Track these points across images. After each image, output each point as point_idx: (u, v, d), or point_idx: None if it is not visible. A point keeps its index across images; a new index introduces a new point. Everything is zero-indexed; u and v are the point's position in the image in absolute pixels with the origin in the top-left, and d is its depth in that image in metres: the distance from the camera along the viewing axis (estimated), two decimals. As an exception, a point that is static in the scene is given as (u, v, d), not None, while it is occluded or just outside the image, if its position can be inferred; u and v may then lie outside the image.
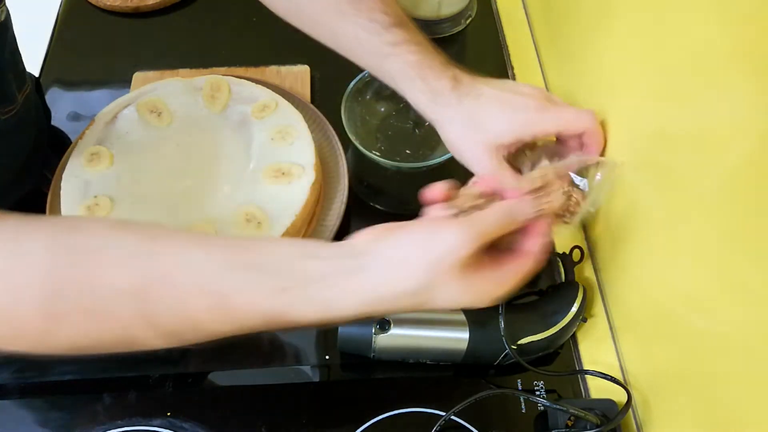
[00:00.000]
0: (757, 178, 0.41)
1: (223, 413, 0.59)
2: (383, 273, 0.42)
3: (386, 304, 0.42)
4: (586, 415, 0.54)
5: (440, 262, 0.41)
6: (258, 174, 0.65)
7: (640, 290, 0.60)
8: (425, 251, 0.41)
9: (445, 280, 0.41)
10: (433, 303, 0.42)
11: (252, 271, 0.41)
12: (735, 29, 0.42)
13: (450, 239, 0.41)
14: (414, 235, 0.43)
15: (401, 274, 0.41)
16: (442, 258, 0.41)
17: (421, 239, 0.42)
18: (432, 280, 0.41)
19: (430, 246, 0.41)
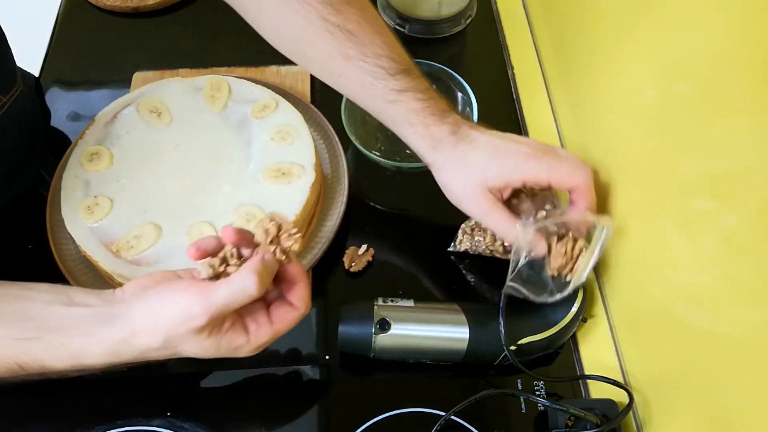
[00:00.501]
0: (757, 177, 0.41)
1: (223, 413, 0.59)
2: (133, 326, 0.46)
3: (135, 353, 0.46)
4: (586, 415, 0.54)
5: (177, 327, 0.45)
6: (258, 174, 0.65)
7: (640, 290, 0.60)
8: (167, 315, 0.45)
9: (184, 341, 0.46)
10: (183, 353, 0.47)
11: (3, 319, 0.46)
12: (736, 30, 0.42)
13: (185, 309, 0.45)
14: (166, 296, 0.46)
15: (147, 329, 0.46)
16: (178, 324, 0.45)
17: (168, 302, 0.46)
18: (172, 340, 0.46)
19: (171, 311, 0.45)
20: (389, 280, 0.67)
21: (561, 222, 0.59)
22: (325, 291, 0.67)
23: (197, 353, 0.47)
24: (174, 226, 0.62)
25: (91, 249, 0.60)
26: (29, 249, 0.68)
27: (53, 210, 0.66)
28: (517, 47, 0.88)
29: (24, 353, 0.46)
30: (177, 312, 0.45)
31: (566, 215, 0.59)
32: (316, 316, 0.65)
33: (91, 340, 0.46)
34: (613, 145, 0.64)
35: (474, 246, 0.66)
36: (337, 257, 0.68)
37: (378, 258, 0.68)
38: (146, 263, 0.60)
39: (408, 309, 0.60)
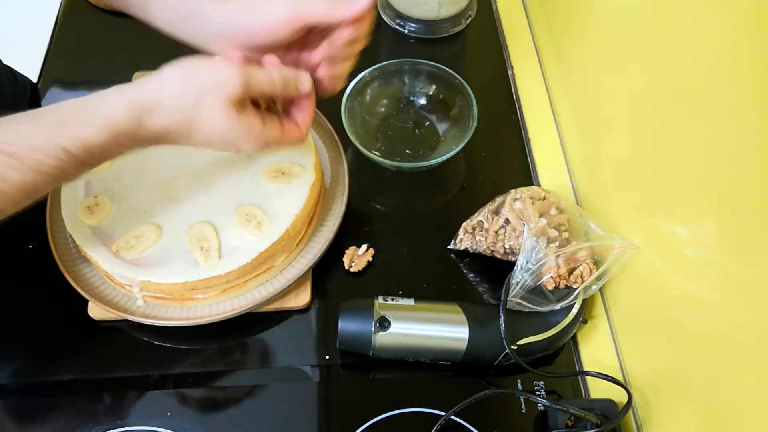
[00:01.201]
0: (757, 178, 0.41)
1: (223, 413, 0.59)
2: (163, 81, 0.49)
3: (152, 106, 0.48)
4: (586, 415, 0.54)
5: (211, 89, 0.48)
6: (258, 174, 0.65)
7: (640, 292, 0.60)
8: (204, 75, 0.49)
9: (211, 106, 0.49)
10: (195, 125, 0.49)
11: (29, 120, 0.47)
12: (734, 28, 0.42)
13: (225, 74, 0.49)
14: (204, 63, 0.50)
15: (177, 84, 0.49)
16: (214, 85, 0.48)
17: (206, 67, 0.49)
18: (200, 103, 0.48)
19: (208, 73, 0.49)
20: (389, 279, 0.67)
21: (588, 247, 0.60)
22: (325, 291, 0.67)
23: (214, 127, 0.50)
24: (174, 226, 0.62)
25: (91, 249, 0.60)
26: (29, 249, 0.68)
27: (53, 210, 0.66)
28: (517, 47, 0.88)
29: (64, 137, 0.47)
30: (216, 75, 0.49)
31: (591, 242, 0.61)
32: (316, 316, 0.65)
33: (120, 98, 0.48)
34: (613, 145, 0.64)
35: (474, 245, 0.66)
36: (337, 257, 0.68)
37: (378, 258, 0.68)
38: (146, 263, 0.60)
39: (408, 308, 0.60)
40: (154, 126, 0.49)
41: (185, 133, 0.51)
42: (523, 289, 0.58)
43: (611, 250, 0.59)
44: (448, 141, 0.75)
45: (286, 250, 0.64)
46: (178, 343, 0.64)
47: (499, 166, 0.76)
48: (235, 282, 0.62)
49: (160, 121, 0.49)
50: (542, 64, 0.85)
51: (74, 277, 0.63)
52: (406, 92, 0.79)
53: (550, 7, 0.83)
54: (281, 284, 0.64)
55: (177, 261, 0.60)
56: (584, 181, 0.72)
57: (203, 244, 0.60)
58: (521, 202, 0.63)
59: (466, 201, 0.72)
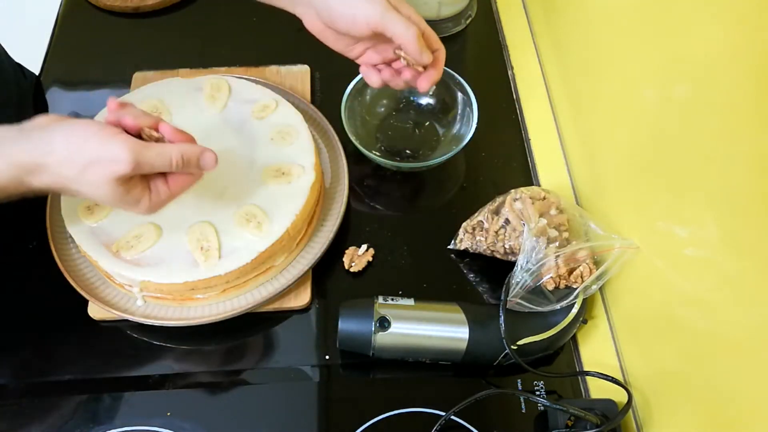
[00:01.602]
0: (757, 178, 0.41)
1: (223, 413, 0.59)
2: (52, 148, 0.48)
3: (43, 178, 0.48)
4: (586, 415, 0.54)
5: (98, 165, 0.48)
6: (258, 174, 0.65)
7: (640, 292, 0.60)
8: (93, 151, 0.48)
9: (98, 181, 0.48)
10: (79, 191, 0.49)
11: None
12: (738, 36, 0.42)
13: (115, 152, 0.48)
14: (95, 134, 0.48)
15: (66, 157, 0.48)
16: (102, 162, 0.48)
17: (97, 140, 0.48)
18: (87, 176, 0.48)
19: (97, 149, 0.48)
20: (389, 279, 0.67)
21: (588, 248, 0.60)
22: (325, 291, 0.67)
23: (99, 197, 0.50)
24: (174, 226, 0.62)
25: (91, 249, 0.60)
26: (29, 249, 0.68)
27: (53, 210, 0.66)
28: (517, 47, 0.88)
29: None
30: (105, 151, 0.48)
31: (591, 242, 0.61)
32: (316, 316, 0.65)
33: (3, 156, 0.47)
34: (613, 145, 0.64)
35: (474, 245, 0.66)
36: (337, 257, 0.68)
37: (378, 258, 0.68)
38: (146, 263, 0.60)
39: (408, 308, 0.60)
40: (36, 185, 0.49)
41: (70, 193, 0.51)
42: (523, 289, 0.58)
43: (611, 250, 0.59)
44: (448, 141, 0.75)
45: (286, 250, 0.64)
46: (178, 343, 0.64)
47: (499, 166, 0.76)
48: (235, 282, 0.62)
49: (42, 181, 0.49)
50: (542, 64, 0.85)
51: (74, 277, 0.63)
52: (406, 92, 0.79)
53: (550, 7, 0.83)
54: (281, 284, 0.64)
55: (177, 261, 0.60)
56: (584, 181, 0.72)
57: (203, 244, 0.60)
58: (521, 202, 0.63)
59: (466, 201, 0.72)
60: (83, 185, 0.49)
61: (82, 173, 0.48)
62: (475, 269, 0.68)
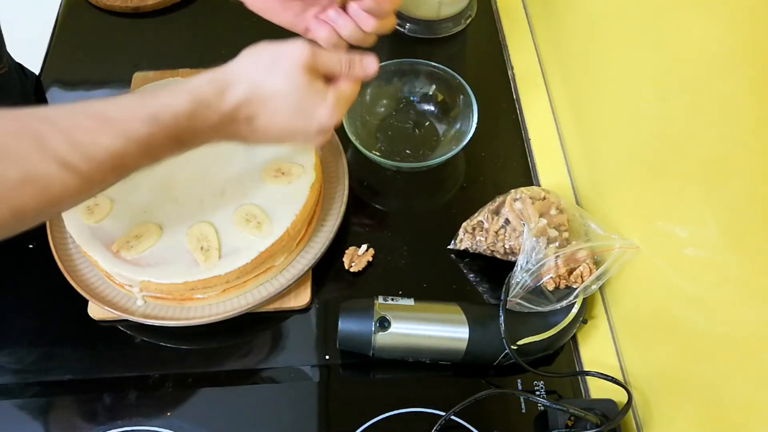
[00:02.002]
0: (757, 178, 0.41)
1: (224, 413, 0.59)
2: (234, 63, 0.53)
3: (230, 80, 0.51)
4: (586, 415, 0.54)
5: (280, 59, 0.52)
6: (258, 174, 0.65)
7: (640, 291, 0.60)
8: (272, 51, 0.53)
9: (281, 71, 0.52)
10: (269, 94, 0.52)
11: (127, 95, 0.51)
12: (738, 33, 0.42)
13: (292, 47, 0.53)
14: (272, 44, 0.53)
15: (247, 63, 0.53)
16: (282, 56, 0.52)
17: (274, 45, 0.53)
18: (271, 70, 0.52)
19: (277, 49, 0.53)
20: (389, 279, 0.67)
21: (588, 248, 0.60)
22: (325, 291, 0.67)
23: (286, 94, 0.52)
24: (174, 226, 0.62)
25: (91, 249, 0.60)
26: (29, 249, 0.68)
27: (53, 210, 0.66)
28: (517, 47, 0.88)
29: (154, 105, 0.48)
30: (286, 47, 0.53)
31: (591, 242, 0.61)
32: (316, 316, 0.65)
33: (201, 76, 0.51)
34: (613, 145, 0.64)
35: (475, 245, 0.66)
36: (337, 257, 0.68)
37: (378, 258, 0.68)
38: (146, 263, 0.60)
39: (408, 308, 0.60)
40: (233, 99, 0.51)
41: (259, 106, 0.52)
42: (523, 289, 0.58)
43: (611, 250, 0.59)
44: (448, 141, 0.75)
45: (286, 250, 0.64)
46: (178, 343, 0.64)
47: (499, 166, 0.76)
48: (235, 282, 0.62)
49: (237, 94, 0.51)
50: (542, 64, 0.85)
51: (74, 277, 0.63)
52: (406, 92, 0.79)
53: (550, 7, 0.83)
54: (281, 284, 0.64)
55: (177, 261, 0.60)
56: (584, 181, 0.72)
57: (203, 244, 0.60)
58: (521, 202, 0.63)
59: (466, 201, 0.72)
60: (274, 82, 0.52)
61: (271, 69, 0.52)
62: (475, 269, 0.68)
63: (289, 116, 0.53)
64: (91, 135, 0.44)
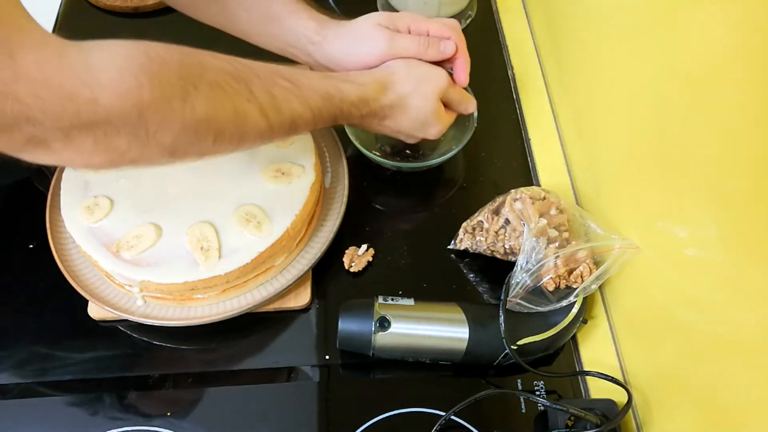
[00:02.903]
0: (757, 178, 0.41)
1: (223, 413, 0.59)
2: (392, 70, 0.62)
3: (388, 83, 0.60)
4: (586, 415, 0.54)
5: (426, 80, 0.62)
6: (258, 174, 0.65)
7: (640, 291, 0.60)
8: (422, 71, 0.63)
9: (423, 91, 0.61)
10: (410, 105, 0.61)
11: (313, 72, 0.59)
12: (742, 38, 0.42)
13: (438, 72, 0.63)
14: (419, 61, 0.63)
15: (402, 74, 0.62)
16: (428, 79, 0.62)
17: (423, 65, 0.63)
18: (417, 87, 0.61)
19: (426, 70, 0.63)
20: (389, 279, 0.67)
21: (588, 248, 0.60)
22: (325, 291, 0.67)
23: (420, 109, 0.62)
24: (174, 226, 0.62)
25: (91, 249, 0.60)
26: (29, 249, 0.68)
27: (53, 210, 0.66)
28: (517, 47, 0.88)
29: (332, 85, 0.56)
30: (433, 71, 0.63)
31: (591, 242, 0.61)
32: (316, 316, 0.65)
33: (368, 73, 0.61)
34: (613, 145, 0.64)
35: (475, 245, 0.66)
36: (337, 257, 0.68)
37: (378, 258, 0.68)
38: (146, 263, 0.60)
39: (408, 308, 0.60)
40: (385, 101, 0.60)
41: (397, 112, 0.61)
42: (523, 289, 0.58)
43: (611, 250, 0.59)
44: (448, 141, 0.75)
45: (286, 250, 0.64)
46: (178, 343, 0.64)
47: (499, 166, 0.76)
48: (235, 282, 0.62)
49: (389, 98, 0.60)
50: (542, 64, 0.85)
51: (74, 277, 0.63)
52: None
53: (550, 7, 0.83)
54: (281, 284, 0.64)
55: (177, 261, 0.60)
56: (584, 181, 0.72)
57: (203, 244, 0.60)
58: (521, 202, 0.63)
59: (466, 201, 0.72)
60: (416, 99, 0.61)
61: (417, 87, 0.61)
62: (475, 269, 0.68)
63: (412, 125, 0.63)
64: (285, 94, 0.52)
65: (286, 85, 0.53)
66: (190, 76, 0.45)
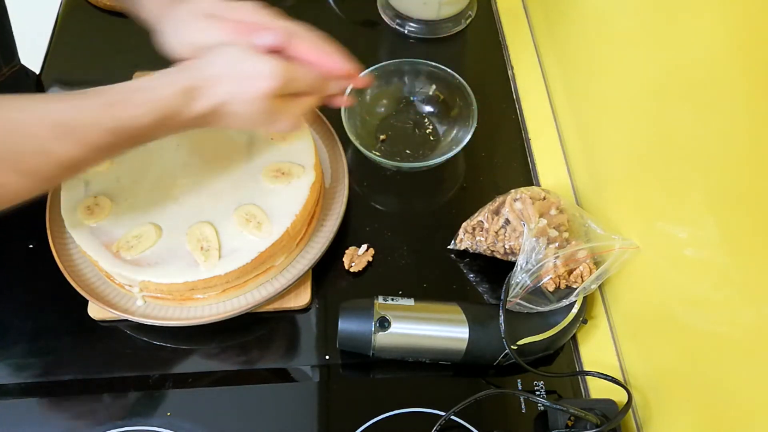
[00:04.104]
0: (757, 178, 0.41)
1: (223, 413, 0.59)
2: (205, 68, 0.51)
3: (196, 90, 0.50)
4: (586, 415, 0.54)
5: (250, 79, 0.50)
6: (258, 174, 0.65)
7: (640, 292, 0.60)
8: (246, 67, 0.51)
9: (247, 92, 0.51)
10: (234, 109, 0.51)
11: (86, 97, 0.49)
12: (739, 34, 0.42)
13: (266, 68, 0.50)
14: (248, 53, 0.51)
15: (217, 71, 0.51)
16: (253, 77, 0.50)
17: (249, 57, 0.51)
18: (239, 87, 0.51)
19: (252, 65, 0.51)
20: (389, 279, 0.67)
21: (588, 248, 0.60)
22: (325, 291, 0.67)
23: (248, 112, 0.52)
24: (174, 226, 0.62)
25: (91, 249, 0.60)
26: (29, 249, 0.68)
27: (53, 210, 0.66)
28: (517, 47, 0.88)
29: (111, 117, 0.48)
30: (260, 67, 0.50)
31: (591, 242, 0.61)
32: (316, 316, 0.65)
33: (168, 82, 0.50)
34: (613, 145, 0.64)
35: (475, 245, 0.66)
36: (337, 257, 0.68)
37: (378, 258, 0.68)
38: (146, 263, 0.60)
39: (408, 308, 0.60)
40: (202, 107, 0.51)
41: (221, 117, 0.52)
42: (523, 289, 0.59)
43: (611, 250, 0.59)
44: (448, 141, 0.75)
45: (286, 250, 0.64)
46: (178, 343, 0.64)
47: (499, 166, 0.76)
48: (235, 282, 0.62)
49: (206, 103, 0.51)
50: (542, 64, 0.85)
51: (74, 277, 0.63)
52: (406, 92, 0.79)
53: (550, 7, 0.83)
54: (281, 284, 0.64)
55: (177, 261, 0.60)
56: (584, 181, 0.72)
57: (203, 244, 0.60)
58: (521, 203, 0.63)
59: (466, 201, 0.72)
60: (238, 102, 0.51)
61: (240, 87, 0.51)
62: (475, 269, 0.68)
63: (253, 124, 0.54)
64: (57, 148, 0.46)
65: (53, 132, 0.46)
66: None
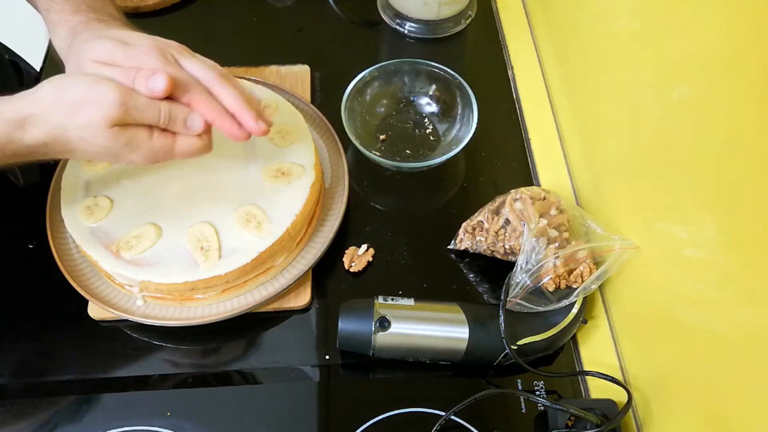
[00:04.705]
0: (757, 178, 0.41)
1: (223, 413, 0.59)
2: (33, 99, 0.48)
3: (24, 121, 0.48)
4: (586, 415, 0.54)
5: (83, 107, 0.47)
6: (258, 174, 0.65)
7: (640, 292, 0.60)
8: (77, 94, 0.47)
9: (82, 121, 0.47)
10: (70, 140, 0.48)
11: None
12: (739, 32, 0.42)
13: (99, 94, 0.47)
14: (80, 80, 0.49)
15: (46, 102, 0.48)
16: (86, 104, 0.47)
17: (82, 85, 0.48)
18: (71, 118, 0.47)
19: (83, 92, 0.47)
20: (389, 279, 0.67)
21: (588, 248, 0.60)
22: (325, 291, 0.67)
23: (89, 143, 0.48)
24: (174, 226, 0.62)
25: (91, 249, 0.60)
26: (29, 249, 0.68)
27: (53, 210, 0.66)
28: (517, 47, 0.88)
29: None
30: (92, 92, 0.47)
31: (591, 242, 0.61)
32: (316, 316, 0.65)
33: None
34: (613, 145, 0.64)
35: (475, 245, 0.66)
36: (337, 257, 0.68)
37: (378, 258, 0.68)
38: (146, 263, 0.60)
39: (408, 308, 0.60)
40: (27, 141, 0.48)
41: (63, 147, 0.49)
42: (523, 290, 0.59)
43: (611, 250, 0.59)
44: (448, 141, 0.75)
45: (286, 250, 0.64)
46: (178, 343, 0.64)
47: (499, 166, 0.76)
48: (235, 282, 0.62)
49: (33, 134, 0.48)
50: (542, 64, 0.85)
51: (74, 277, 0.63)
52: (406, 92, 0.79)
53: (550, 7, 0.83)
54: (281, 284, 0.64)
55: (177, 261, 0.60)
56: (584, 181, 0.72)
57: (203, 244, 0.60)
58: (521, 203, 0.63)
59: (466, 201, 0.72)
60: (75, 130, 0.48)
61: (71, 116, 0.47)
62: (475, 269, 0.68)
63: (106, 155, 0.50)
64: None
65: None
66: None
